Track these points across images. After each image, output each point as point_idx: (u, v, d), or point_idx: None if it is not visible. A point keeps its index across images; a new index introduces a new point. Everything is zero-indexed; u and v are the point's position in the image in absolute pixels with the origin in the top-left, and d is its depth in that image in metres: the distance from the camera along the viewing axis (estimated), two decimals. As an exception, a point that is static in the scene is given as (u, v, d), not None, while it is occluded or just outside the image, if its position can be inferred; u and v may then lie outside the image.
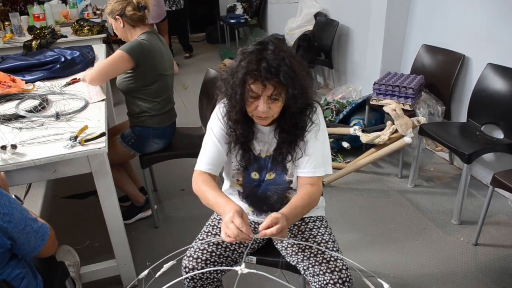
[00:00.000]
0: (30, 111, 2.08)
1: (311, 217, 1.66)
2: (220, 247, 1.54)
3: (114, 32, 2.49)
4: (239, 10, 6.97)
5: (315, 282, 1.46)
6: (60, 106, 2.17)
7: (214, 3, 7.77)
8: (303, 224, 1.64)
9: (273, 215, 1.25)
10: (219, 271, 1.51)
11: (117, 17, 2.28)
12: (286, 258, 1.58)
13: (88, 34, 3.89)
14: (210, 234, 1.60)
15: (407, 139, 2.71)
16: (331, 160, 3.27)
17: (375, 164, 3.30)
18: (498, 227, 2.56)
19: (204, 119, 2.56)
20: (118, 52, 2.22)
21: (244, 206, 1.64)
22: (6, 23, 4.03)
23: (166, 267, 1.12)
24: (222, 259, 1.52)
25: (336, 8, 4.65)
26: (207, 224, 1.67)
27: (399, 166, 3.12)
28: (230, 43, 6.97)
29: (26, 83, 2.54)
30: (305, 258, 1.48)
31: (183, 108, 4.45)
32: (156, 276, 1.10)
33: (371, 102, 3.15)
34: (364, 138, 2.89)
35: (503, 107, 2.61)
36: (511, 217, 2.64)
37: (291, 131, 1.44)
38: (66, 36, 3.84)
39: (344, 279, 1.41)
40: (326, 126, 1.55)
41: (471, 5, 2.89)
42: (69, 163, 1.78)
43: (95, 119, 2.01)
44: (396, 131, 2.83)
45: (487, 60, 2.74)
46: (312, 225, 1.63)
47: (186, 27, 6.87)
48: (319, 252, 1.48)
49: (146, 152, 2.46)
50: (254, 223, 1.68)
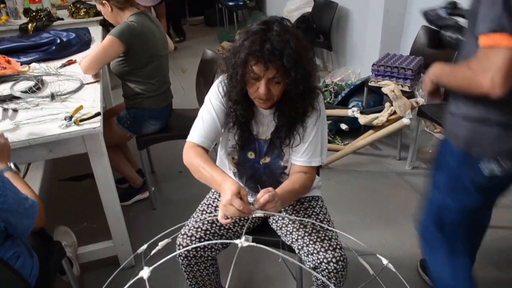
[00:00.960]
0: (25, 92, 2.07)
1: (307, 197, 1.66)
2: (214, 225, 1.54)
3: None
4: (238, -7, 6.88)
5: (309, 261, 1.46)
6: (56, 87, 2.15)
7: (213, -15, 7.68)
8: (299, 204, 1.63)
9: (268, 188, 1.26)
10: (213, 250, 1.51)
11: (104, 2, 2.25)
12: (282, 238, 1.58)
13: (85, 17, 3.84)
14: (205, 212, 1.60)
15: (406, 121, 2.69)
16: (328, 142, 3.25)
17: (374, 146, 3.29)
18: (496, 209, 2.55)
19: (201, 100, 2.52)
20: (108, 38, 2.19)
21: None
22: (2, 5, 3.98)
23: (161, 245, 1.12)
24: (216, 238, 1.52)
25: (336, -11, 4.59)
26: (202, 202, 1.67)
27: (398, 148, 3.11)
28: (228, 27, 6.89)
29: (21, 64, 2.52)
30: (299, 237, 1.48)
31: (181, 91, 4.43)
32: (152, 254, 1.10)
33: (369, 84, 3.13)
34: (362, 119, 2.87)
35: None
36: (507, 197, 2.64)
37: (291, 115, 1.42)
38: (62, 19, 3.79)
39: (338, 258, 1.41)
40: (325, 108, 1.53)
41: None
42: (64, 143, 1.77)
43: (91, 99, 2.00)
44: (394, 112, 2.81)
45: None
46: (307, 204, 1.62)
47: (178, 11, 6.76)
48: (314, 231, 1.47)
49: (142, 133, 2.45)
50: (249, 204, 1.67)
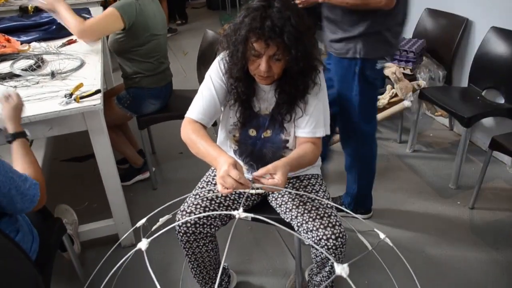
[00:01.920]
0: (25, 70, 2.06)
1: (306, 175, 1.66)
2: (213, 202, 1.55)
3: None
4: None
5: (308, 238, 1.47)
6: (56, 65, 2.15)
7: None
8: (298, 181, 1.64)
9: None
10: (212, 226, 1.52)
11: None
12: (281, 216, 1.59)
13: (86, -3, 3.81)
14: (204, 189, 1.61)
15: (407, 103, 2.69)
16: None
17: (375, 130, 3.29)
18: (496, 192, 2.56)
19: (202, 80, 2.53)
20: (109, 9, 2.17)
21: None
22: (2, -15, 3.94)
23: (162, 220, 1.12)
24: (215, 215, 1.53)
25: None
26: (201, 180, 1.67)
27: (398, 131, 3.11)
28: (230, 9, 6.84)
29: (22, 43, 2.51)
30: (299, 215, 1.49)
31: (182, 73, 4.42)
32: (152, 229, 1.11)
33: (371, 66, 3.11)
34: (364, 102, 2.86)
35: (505, 72, 2.57)
36: (509, 182, 2.65)
37: (291, 92, 1.42)
38: (63, -1, 3.76)
39: (337, 234, 1.41)
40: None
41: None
42: (64, 120, 1.77)
43: (91, 77, 1.99)
44: (395, 95, 2.81)
45: (491, 23, 2.68)
46: (307, 182, 1.63)
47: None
48: (313, 208, 1.48)
49: (142, 113, 2.45)
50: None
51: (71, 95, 1.75)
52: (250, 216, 0.92)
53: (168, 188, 2.70)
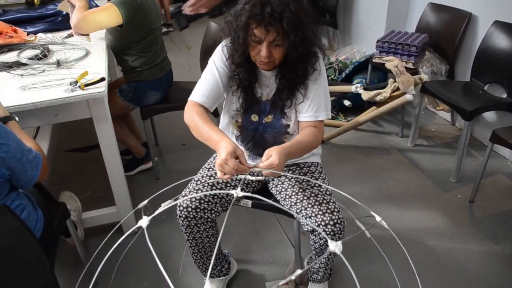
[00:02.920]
0: (32, 59, 2.09)
1: (306, 162, 1.69)
2: (214, 188, 1.57)
3: None
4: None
5: (307, 225, 1.49)
6: (61, 55, 2.18)
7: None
8: (298, 169, 1.66)
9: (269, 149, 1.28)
10: (213, 212, 1.54)
11: None
12: (281, 202, 1.61)
13: (91, -10, 3.84)
14: (205, 176, 1.63)
15: (408, 96, 2.70)
16: (332, 118, 3.28)
17: (376, 123, 3.31)
18: (496, 186, 2.58)
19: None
20: (108, 4, 2.18)
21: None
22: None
23: (164, 205, 1.15)
24: (216, 200, 1.55)
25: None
26: (203, 166, 1.70)
27: (400, 125, 3.12)
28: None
29: (28, 34, 2.54)
30: (298, 201, 1.51)
31: (186, 67, 4.44)
32: (155, 214, 1.13)
33: (373, 60, 3.13)
34: (366, 95, 2.88)
35: (508, 66, 2.58)
36: (509, 176, 2.66)
37: (292, 78, 1.45)
38: (69, -8, 3.78)
39: (336, 220, 1.44)
40: (328, 85, 1.56)
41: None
42: (69, 108, 1.80)
43: (96, 67, 2.02)
44: (397, 89, 2.82)
45: (494, 17, 2.69)
46: (306, 170, 1.65)
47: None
48: (312, 195, 1.50)
49: (145, 104, 2.48)
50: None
51: (76, 82, 1.78)
52: (249, 196, 0.95)
53: (170, 178, 2.72)
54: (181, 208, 1.51)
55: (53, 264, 1.48)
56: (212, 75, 1.50)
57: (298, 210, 1.51)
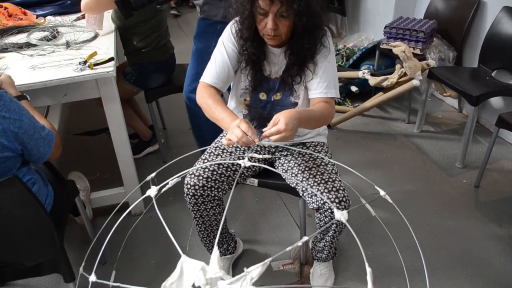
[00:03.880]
0: (41, 40, 2.12)
1: (313, 142, 1.70)
2: (221, 166, 1.59)
3: None
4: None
5: (312, 203, 1.51)
6: (71, 36, 2.20)
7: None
8: (304, 148, 1.68)
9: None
10: (219, 190, 1.57)
11: None
12: (286, 181, 1.63)
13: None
14: (212, 154, 1.66)
15: (415, 82, 2.70)
16: (338, 104, 3.27)
17: (383, 109, 3.31)
18: (502, 172, 2.58)
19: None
20: None
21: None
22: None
23: (171, 183, 1.17)
24: (223, 178, 1.57)
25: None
26: (210, 146, 1.72)
27: (407, 111, 3.13)
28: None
29: (37, 17, 2.57)
30: (304, 179, 1.53)
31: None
32: (162, 191, 1.15)
33: (381, 46, 3.12)
34: (372, 80, 2.88)
35: (516, 52, 2.57)
36: (513, 162, 2.66)
37: (300, 52, 1.46)
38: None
39: (341, 198, 1.45)
40: (336, 68, 1.57)
41: None
42: (78, 87, 1.83)
43: (105, 47, 2.04)
44: (404, 74, 2.81)
45: (503, 3, 2.67)
46: (312, 149, 1.67)
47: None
48: (318, 173, 1.52)
49: (148, 87, 2.50)
50: (257, 146, 1.72)
51: (85, 62, 1.81)
52: (255, 164, 0.97)
53: (178, 161, 2.74)
54: (188, 186, 1.53)
55: (62, 239, 1.51)
56: (221, 56, 1.52)
57: (304, 188, 1.53)
